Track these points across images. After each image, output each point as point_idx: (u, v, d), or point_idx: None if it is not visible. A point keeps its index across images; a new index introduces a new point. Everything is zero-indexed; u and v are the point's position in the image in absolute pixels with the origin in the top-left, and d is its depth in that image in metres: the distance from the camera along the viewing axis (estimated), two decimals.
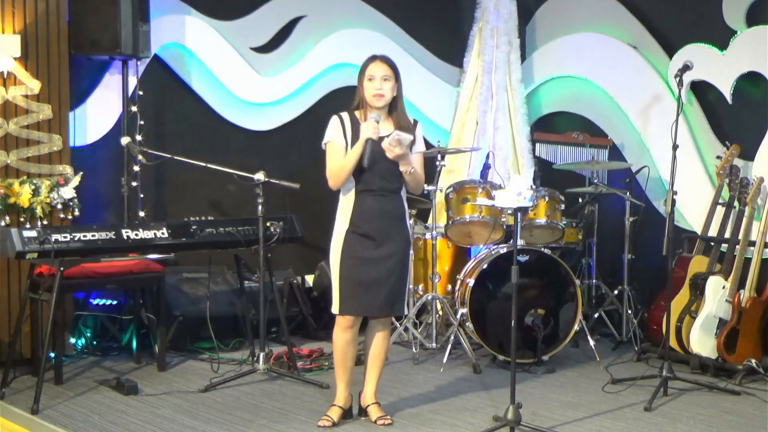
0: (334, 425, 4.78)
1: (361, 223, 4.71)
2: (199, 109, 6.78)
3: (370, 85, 4.72)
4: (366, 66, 4.75)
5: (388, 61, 4.76)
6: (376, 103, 4.71)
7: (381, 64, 4.73)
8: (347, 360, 4.83)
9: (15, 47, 5.70)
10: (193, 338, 6.28)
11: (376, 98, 4.70)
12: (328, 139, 4.77)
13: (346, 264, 4.71)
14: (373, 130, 4.64)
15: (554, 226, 6.23)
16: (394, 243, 4.75)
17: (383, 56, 4.79)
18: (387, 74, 4.72)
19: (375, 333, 4.85)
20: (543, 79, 7.63)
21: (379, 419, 4.81)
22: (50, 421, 4.86)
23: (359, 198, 4.72)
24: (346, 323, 4.76)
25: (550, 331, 6.03)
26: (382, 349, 4.86)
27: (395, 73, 4.75)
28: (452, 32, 7.76)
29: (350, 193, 4.74)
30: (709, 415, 5.06)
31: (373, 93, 4.70)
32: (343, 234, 4.73)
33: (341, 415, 4.84)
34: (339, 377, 4.86)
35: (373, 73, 4.72)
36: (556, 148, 7.43)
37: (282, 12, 7.07)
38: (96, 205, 6.34)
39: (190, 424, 4.84)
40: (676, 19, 6.82)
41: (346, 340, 4.79)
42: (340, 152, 4.72)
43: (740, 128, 6.39)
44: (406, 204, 4.86)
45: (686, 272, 6.08)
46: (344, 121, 4.76)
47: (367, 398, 4.89)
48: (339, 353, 4.82)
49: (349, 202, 4.75)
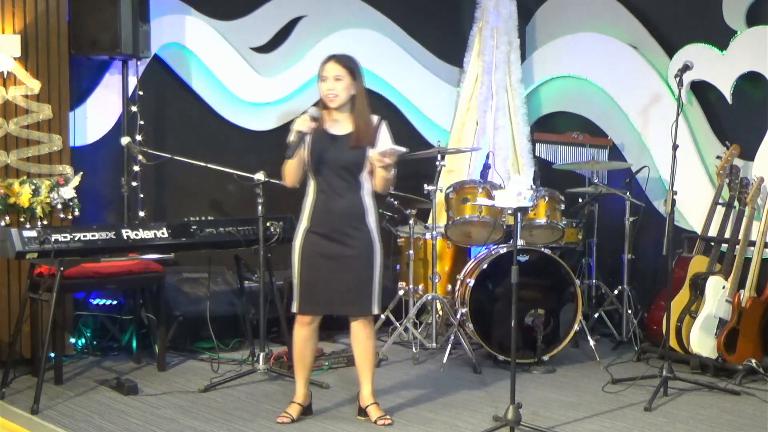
0: (292, 422, 4.82)
1: (319, 222, 4.72)
2: (199, 109, 6.78)
3: (323, 85, 4.73)
4: (322, 65, 4.76)
5: (342, 61, 4.75)
6: (329, 104, 4.72)
7: (334, 65, 4.73)
8: (305, 357, 4.86)
9: (15, 47, 5.70)
10: (193, 338, 6.28)
11: (328, 99, 4.71)
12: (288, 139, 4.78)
13: (304, 263, 4.73)
14: (303, 124, 4.64)
15: (554, 226, 6.23)
16: (355, 242, 4.74)
17: (338, 56, 4.79)
18: (339, 74, 4.70)
19: (355, 333, 4.85)
20: (543, 79, 7.63)
21: (379, 419, 4.82)
22: (50, 421, 4.86)
23: (318, 197, 4.74)
24: (305, 320, 4.80)
25: (550, 331, 6.03)
26: (368, 349, 4.85)
27: (350, 72, 4.73)
28: (452, 32, 7.76)
29: (310, 190, 4.76)
30: (709, 415, 5.06)
31: (325, 93, 4.71)
32: (302, 233, 4.75)
33: (300, 411, 4.87)
34: (297, 374, 4.90)
35: (325, 73, 4.72)
36: (556, 148, 7.43)
37: (282, 12, 7.07)
38: (96, 205, 6.34)
39: (190, 424, 4.84)
40: (676, 19, 6.82)
41: (305, 337, 4.82)
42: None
43: (740, 128, 6.39)
44: (370, 203, 4.81)
45: (686, 272, 6.08)
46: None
47: (365, 399, 4.89)
48: (297, 350, 4.86)
49: (309, 201, 4.76)
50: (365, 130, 4.75)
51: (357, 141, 4.73)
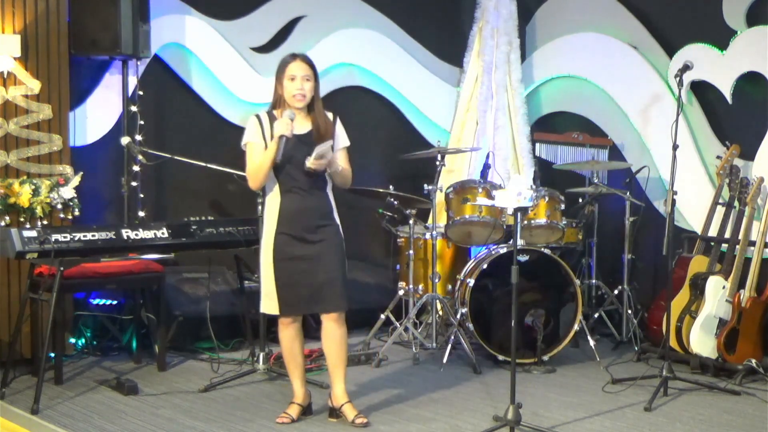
0: (292, 422, 4.81)
1: (289, 222, 4.70)
2: (199, 109, 6.78)
3: (291, 84, 4.69)
4: (286, 65, 4.71)
5: (309, 61, 4.74)
6: (296, 104, 4.70)
7: (302, 64, 4.70)
8: (296, 356, 4.86)
9: (15, 47, 5.70)
10: (193, 338, 6.28)
11: (297, 99, 4.69)
12: (247, 140, 4.76)
13: (279, 266, 4.71)
14: (286, 127, 4.62)
15: (554, 226, 6.23)
16: (326, 240, 4.74)
17: (303, 55, 4.77)
18: (308, 74, 4.69)
19: (327, 331, 4.81)
20: (543, 79, 7.63)
21: (356, 418, 4.78)
22: (50, 421, 4.85)
23: (285, 197, 4.71)
24: (287, 320, 4.81)
25: (550, 331, 6.04)
26: (340, 347, 4.81)
27: (315, 72, 4.73)
28: (452, 32, 7.76)
29: (274, 192, 4.74)
30: (709, 415, 5.06)
31: (294, 93, 4.68)
32: (272, 235, 4.73)
33: (300, 411, 4.87)
34: (292, 374, 4.89)
35: (294, 72, 4.68)
36: (556, 148, 7.43)
37: (282, 12, 7.07)
38: (96, 205, 6.34)
39: (190, 424, 4.84)
40: (676, 19, 6.82)
41: (291, 335, 4.83)
42: (258, 152, 4.71)
43: (740, 128, 6.39)
44: (333, 199, 4.82)
45: (686, 272, 6.08)
46: (263, 121, 4.75)
47: (338, 398, 4.84)
48: (286, 350, 4.86)
49: (275, 202, 4.73)
50: (325, 127, 4.75)
51: (320, 138, 4.71)
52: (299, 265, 4.70)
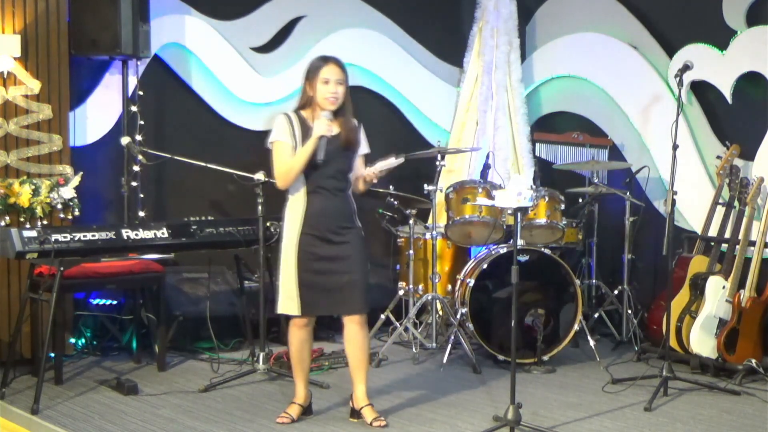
0: (292, 422, 4.82)
1: (314, 223, 4.71)
2: (199, 109, 6.78)
3: (324, 88, 4.70)
4: (319, 68, 4.72)
5: (342, 65, 4.76)
6: (329, 106, 4.70)
7: (336, 68, 4.72)
8: (304, 358, 4.87)
9: (15, 47, 5.70)
10: (193, 338, 6.29)
11: (330, 102, 4.70)
12: (276, 138, 4.76)
13: (303, 266, 4.71)
14: (326, 128, 4.64)
15: (554, 226, 6.23)
16: (350, 242, 4.76)
17: (337, 59, 4.78)
18: (341, 78, 4.71)
19: (350, 334, 4.82)
20: (543, 79, 7.63)
21: (374, 420, 4.80)
22: (50, 421, 4.85)
23: (311, 198, 4.72)
24: (302, 322, 4.80)
25: (550, 331, 6.04)
26: (362, 349, 4.83)
27: (347, 77, 4.76)
28: (452, 32, 7.76)
29: (300, 193, 4.74)
30: (709, 415, 5.06)
31: (327, 96, 4.69)
32: (297, 235, 4.72)
33: (300, 412, 4.88)
34: (297, 375, 4.90)
35: (328, 76, 4.70)
36: (556, 148, 7.43)
37: (282, 12, 7.07)
38: (96, 205, 6.34)
39: (190, 424, 4.84)
40: (676, 19, 6.82)
41: (302, 338, 4.82)
42: (287, 152, 4.71)
43: (740, 128, 6.39)
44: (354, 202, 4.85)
45: (686, 272, 6.08)
46: (292, 120, 4.75)
47: (359, 401, 4.87)
48: (295, 352, 4.86)
49: (299, 202, 4.74)
50: (353, 133, 4.79)
51: (347, 143, 4.76)
52: (323, 265, 4.71)
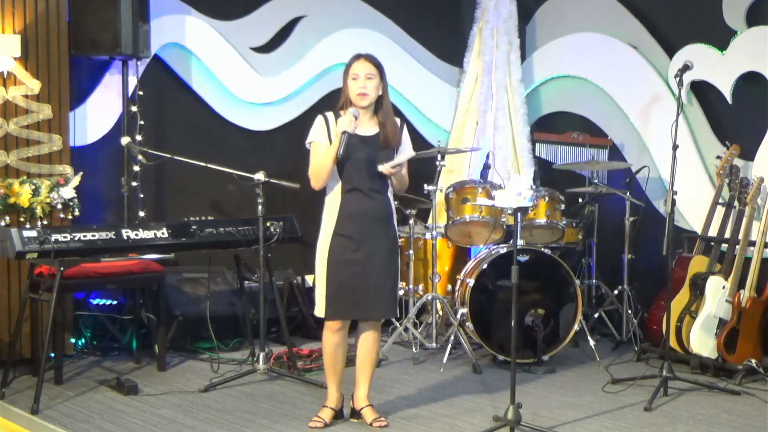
0: (325, 426, 4.78)
1: (347, 224, 4.67)
2: (199, 109, 6.78)
3: (354, 84, 4.68)
4: (350, 64, 4.72)
5: (373, 60, 4.73)
6: (360, 102, 4.67)
7: (365, 63, 4.70)
8: (337, 362, 4.82)
9: (15, 47, 5.70)
10: (193, 338, 6.28)
11: (360, 97, 4.66)
12: (312, 139, 4.75)
13: (333, 267, 4.67)
14: (349, 124, 4.60)
15: (554, 226, 6.23)
16: (379, 245, 4.70)
17: (368, 54, 4.76)
18: (371, 72, 4.68)
19: (365, 335, 4.81)
20: (543, 79, 7.63)
21: (375, 421, 4.80)
22: (50, 421, 4.86)
23: (346, 198, 4.68)
24: (336, 326, 4.74)
25: (550, 331, 6.04)
26: (372, 352, 4.83)
27: (380, 71, 4.71)
28: (452, 32, 7.76)
29: (335, 192, 4.71)
30: (709, 415, 5.06)
31: (357, 92, 4.66)
32: (329, 236, 4.69)
33: (333, 416, 4.84)
34: (330, 379, 4.85)
35: (357, 71, 4.68)
36: (556, 148, 7.43)
37: (282, 12, 7.07)
38: (96, 205, 6.34)
39: (190, 424, 4.84)
40: (676, 19, 6.82)
41: (336, 342, 4.77)
42: (322, 152, 4.69)
43: (740, 128, 6.39)
44: (392, 204, 4.81)
45: (686, 272, 6.08)
46: (329, 121, 4.73)
47: (360, 401, 4.86)
48: (329, 355, 4.81)
49: (335, 202, 4.71)
50: (393, 131, 4.73)
51: (386, 142, 4.71)
52: (352, 268, 4.65)
